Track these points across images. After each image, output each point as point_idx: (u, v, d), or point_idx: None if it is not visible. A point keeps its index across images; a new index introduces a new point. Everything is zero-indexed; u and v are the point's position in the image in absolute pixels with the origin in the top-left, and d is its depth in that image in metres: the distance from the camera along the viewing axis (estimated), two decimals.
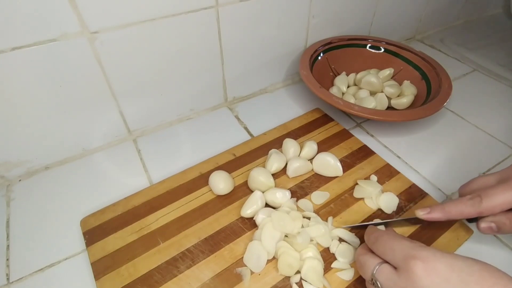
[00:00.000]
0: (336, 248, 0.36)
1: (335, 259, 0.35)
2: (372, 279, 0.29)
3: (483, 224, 0.33)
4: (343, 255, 0.35)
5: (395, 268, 0.28)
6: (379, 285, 0.28)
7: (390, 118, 0.47)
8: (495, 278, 0.24)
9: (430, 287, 0.25)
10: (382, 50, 0.62)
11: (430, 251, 0.26)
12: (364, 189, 0.41)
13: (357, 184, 0.43)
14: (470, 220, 0.36)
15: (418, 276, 0.25)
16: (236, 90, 0.58)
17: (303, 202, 0.41)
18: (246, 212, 0.39)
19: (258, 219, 0.38)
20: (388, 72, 0.59)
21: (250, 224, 0.39)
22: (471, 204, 0.32)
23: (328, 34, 0.61)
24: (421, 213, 0.35)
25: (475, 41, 0.76)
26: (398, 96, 0.55)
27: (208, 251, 0.36)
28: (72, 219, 0.40)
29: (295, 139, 0.48)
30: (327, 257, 0.36)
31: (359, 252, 0.32)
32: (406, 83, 0.57)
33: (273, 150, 0.46)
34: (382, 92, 0.55)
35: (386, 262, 0.29)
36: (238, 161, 0.46)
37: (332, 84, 0.59)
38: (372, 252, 0.31)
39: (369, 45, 0.62)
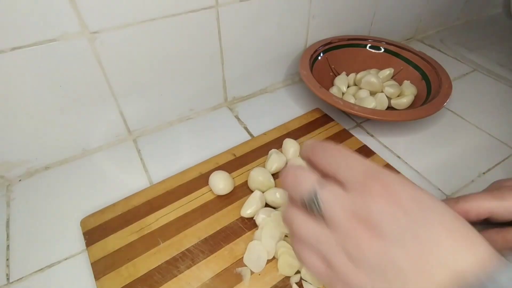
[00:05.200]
0: None
1: None
2: (309, 197, 0.22)
3: None
4: None
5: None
6: (316, 205, 0.22)
7: (390, 118, 0.47)
8: (459, 223, 0.20)
9: (382, 213, 0.20)
10: (382, 50, 0.62)
11: (399, 177, 0.21)
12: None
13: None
14: None
15: (373, 197, 0.20)
16: (236, 90, 0.58)
17: None
18: (246, 212, 0.39)
19: (258, 219, 0.38)
20: (388, 72, 0.59)
21: (250, 224, 0.39)
22: (447, 203, 0.31)
23: (328, 34, 0.61)
24: None
25: (475, 41, 0.76)
26: (398, 96, 0.55)
27: (208, 251, 0.36)
28: (72, 219, 0.40)
29: (295, 139, 0.48)
30: None
31: (293, 167, 0.24)
32: (406, 83, 0.57)
33: (273, 150, 0.46)
34: (382, 92, 0.55)
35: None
36: (238, 161, 0.46)
37: (332, 84, 0.59)
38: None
39: (369, 45, 0.62)
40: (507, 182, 0.31)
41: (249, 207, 0.39)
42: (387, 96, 0.55)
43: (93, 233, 0.38)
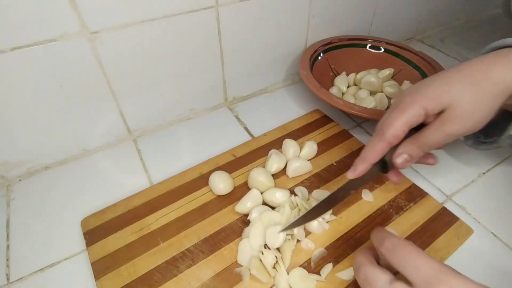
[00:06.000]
0: None
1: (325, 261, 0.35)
2: None
3: (398, 159, 0.34)
4: None
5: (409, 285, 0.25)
6: None
7: None
8: None
9: None
10: (382, 50, 0.62)
11: (461, 280, 0.23)
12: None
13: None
14: (384, 169, 0.36)
15: None
16: (236, 90, 0.58)
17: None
18: (240, 208, 0.39)
19: (251, 217, 0.38)
20: (388, 72, 0.59)
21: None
22: (378, 139, 0.33)
23: (328, 34, 0.61)
24: (350, 174, 0.35)
25: (475, 41, 0.76)
26: None
27: (208, 250, 0.36)
28: (72, 219, 0.40)
29: (295, 139, 0.48)
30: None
31: (362, 261, 0.29)
32: (406, 83, 0.57)
33: (273, 151, 0.46)
34: (382, 92, 0.55)
35: (396, 277, 0.26)
36: (238, 162, 0.46)
37: (332, 84, 0.59)
38: (377, 262, 0.29)
39: (369, 45, 0.62)
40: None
41: (244, 204, 0.39)
42: (387, 96, 0.55)
43: (93, 233, 0.38)
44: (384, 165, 0.36)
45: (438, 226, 0.38)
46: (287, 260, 0.35)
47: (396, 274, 0.27)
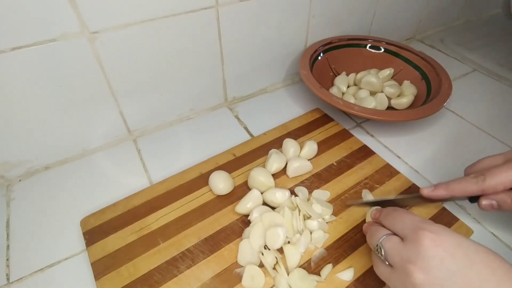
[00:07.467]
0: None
1: (325, 261, 0.35)
2: (377, 247, 0.30)
3: (485, 201, 0.34)
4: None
5: (402, 240, 0.28)
6: (382, 253, 0.29)
7: (390, 118, 0.47)
8: (499, 262, 0.25)
9: (434, 258, 0.25)
10: (382, 50, 0.62)
11: (441, 227, 0.27)
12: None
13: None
14: (472, 200, 0.36)
15: (425, 247, 0.26)
16: (236, 90, 0.58)
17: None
18: (241, 208, 0.39)
19: (252, 217, 0.38)
20: (388, 72, 0.59)
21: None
22: (475, 182, 0.33)
23: (328, 34, 0.61)
24: (425, 191, 0.36)
25: (475, 41, 0.76)
26: (398, 96, 0.55)
27: (208, 251, 0.36)
28: (72, 219, 0.40)
29: (295, 139, 0.48)
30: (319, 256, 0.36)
31: (370, 223, 0.35)
32: (406, 83, 0.57)
33: (273, 150, 0.46)
34: (382, 92, 0.55)
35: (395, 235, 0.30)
36: (238, 161, 0.46)
37: (332, 84, 0.59)
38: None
39: (369, 45, 0.62)
40: None
41: (244, 205, 0.39)
42: (387, 96, 0.55)
43: (93, 233, 0.38)
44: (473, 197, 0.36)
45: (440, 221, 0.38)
46: (294, 263, 0.35)
47: None
